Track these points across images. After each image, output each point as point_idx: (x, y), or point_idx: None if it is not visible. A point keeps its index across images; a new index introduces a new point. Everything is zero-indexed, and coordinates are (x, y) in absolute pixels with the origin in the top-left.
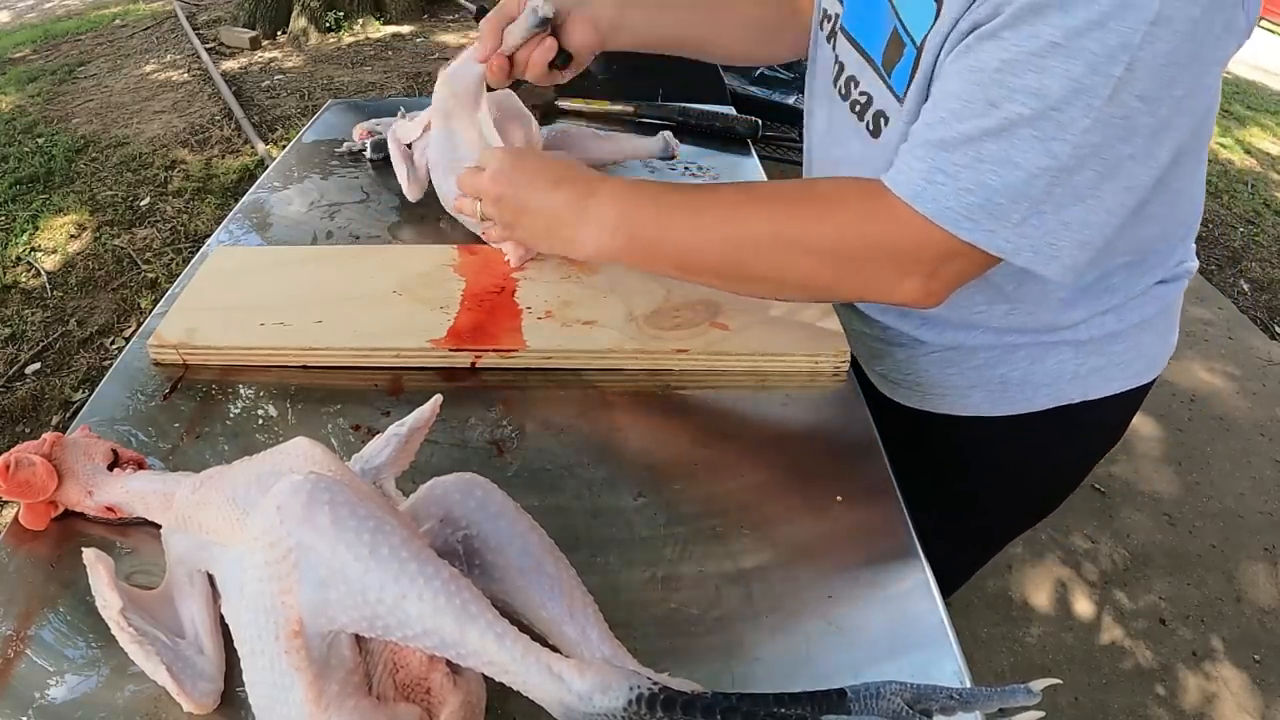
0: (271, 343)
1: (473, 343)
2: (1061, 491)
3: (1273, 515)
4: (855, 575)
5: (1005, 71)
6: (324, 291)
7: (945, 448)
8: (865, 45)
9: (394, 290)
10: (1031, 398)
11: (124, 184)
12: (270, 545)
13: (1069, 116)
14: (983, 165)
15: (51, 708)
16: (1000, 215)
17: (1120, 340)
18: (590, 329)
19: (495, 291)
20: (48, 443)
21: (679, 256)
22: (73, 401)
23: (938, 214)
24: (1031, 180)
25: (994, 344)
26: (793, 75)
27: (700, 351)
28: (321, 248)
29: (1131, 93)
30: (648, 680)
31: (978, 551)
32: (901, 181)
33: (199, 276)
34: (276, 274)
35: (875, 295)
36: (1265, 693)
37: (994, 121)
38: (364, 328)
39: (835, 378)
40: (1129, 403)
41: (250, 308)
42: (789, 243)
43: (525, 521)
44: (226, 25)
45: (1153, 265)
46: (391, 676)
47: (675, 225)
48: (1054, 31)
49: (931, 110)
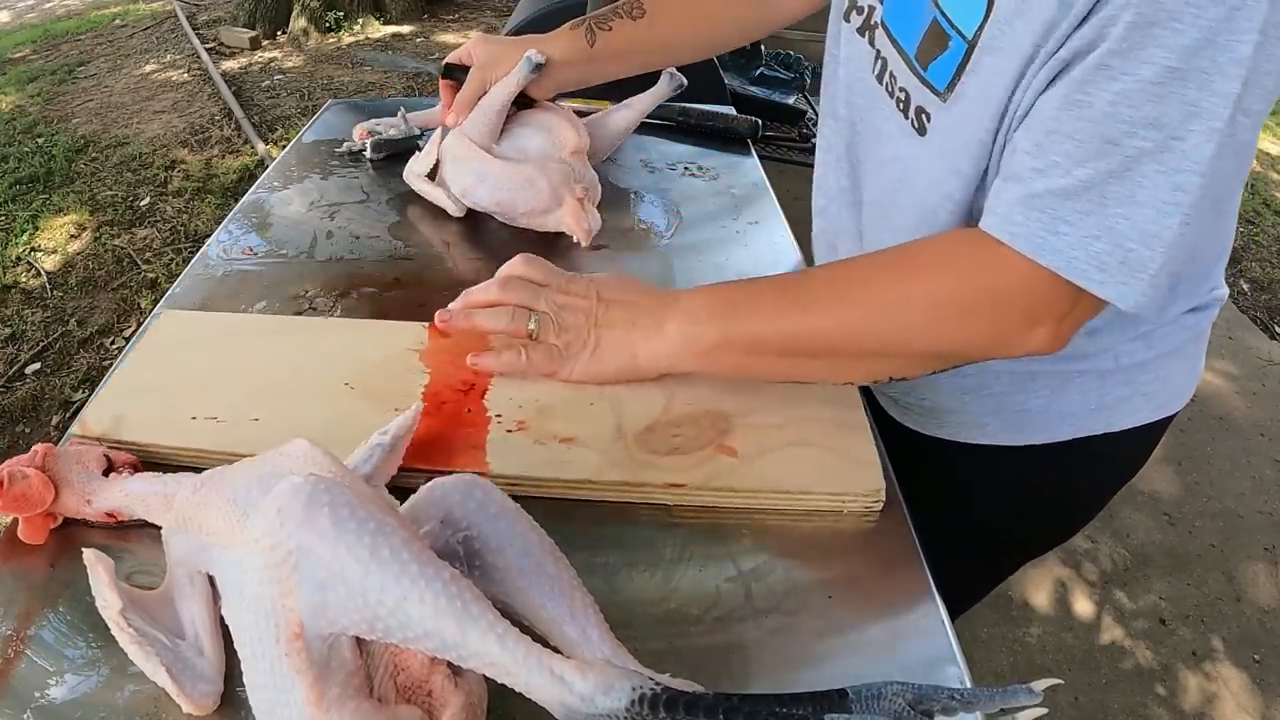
0: (199, 444)
1: (425, 460)
2: (1076, 522)
3: (1273, 515)
4: (855, 575)
5: (1119, 104)
6: (269, 377)
7: (956, 475)
8: (899, 38)
9: (346, 381)
10: (1052, 428)
11: (124, 184)
12: (270, 548)
13: (1192, 144)
14: (1107, 208)
15: (51, 708)
16: (1134, 264)
17: (1147, 370)
18: (568, 448)
19: (462, 390)
20: (39, 454)
21: (786, 345)
22: (73, 401)
23: (1063, 267)
24: (1160, 219)
25: (1014, 370)
26: (793, 75)
27: (699, 486)
28: (277, 319)
29: (1242, 109)
30: (650, 681)
31: (987, 576)
32: (1019, 235)
33: (138, 350)
34: (223, 349)
35: (1005, 349)
36: (1265, 693)
37: (1115, 162)
38: (304, 430)
39: (865, 519)
40: (1152, 434)
41: (185, 392)
42: (909, 303)
43: (525, 522)
44: (226, 25)
45: (1184, 292)
46: (393, 678)
47: (777, 312)
48: (1166, 54)
49: (1039, 154)
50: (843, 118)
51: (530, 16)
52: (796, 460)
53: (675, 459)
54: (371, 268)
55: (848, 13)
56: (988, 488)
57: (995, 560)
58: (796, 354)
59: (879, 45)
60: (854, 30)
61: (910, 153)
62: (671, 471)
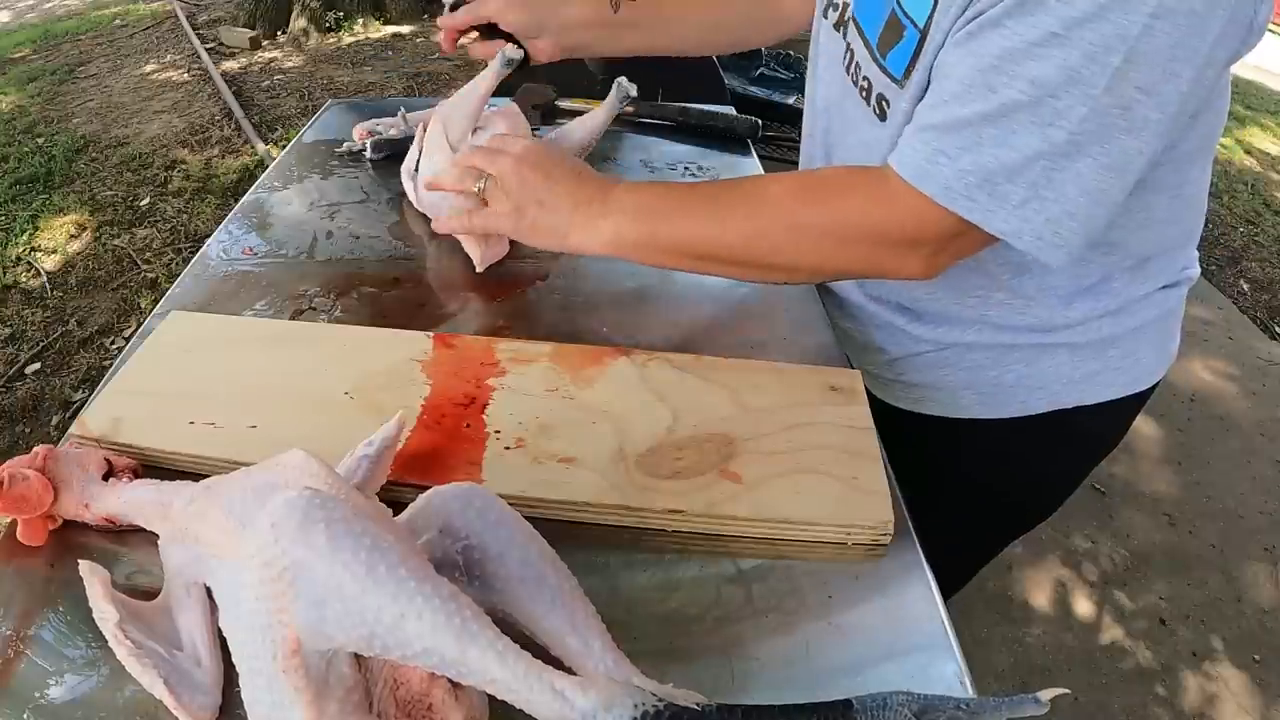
0: (195, 450)
1: (421, 475)
2: (1055, 498)
3: (1273, 515)
4: (855, 575)
5: (1005, 59)
6: (269, 384)
7: (936, 450)
8: (865, 29)
9: (346, 391)
10: (1026, 401)
11: (124, 184)
12: (265, 564)
13: (1065, 104)
14: (982, 148)
15: (51, 708)
16: (1000, 196)
17: (1117, 345)
18: (567, 468)
19: (463, 404)
20: (40, 456)
21: (698, 246)
22: (73, 402)
23: (939, 193)
24: (1028, 164)
25: (990, 343)
26: (792, 75)
27: (699, 514)
28: (282, 325)
29: (1131, 84)
30: (652, 696)
31: (973, 555)
32: (905, 163)
33: (142, 352)
34: (225, 354)
35: (882, 273)
36: (1265, 693)
37: (993, 106)
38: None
39: (872, 553)
40: (1125, 411)
41: (185, 397)
42: (803, 229)
43: (525, 531)
44: (226, 25)
45: (1155, 271)
46: (392, 694)
47: (695, 214)
48: (1053, 21)
49: (934, 94)
50: (819, 109)
51: None
52: (802, 489)
53: (676, 483)
54: (371, 268)
55: (826, 9)
56: (966, 461)
57: (979, 538)
58: (708, 259)
59: (849, 39)
60: (831, 26)
61: (874, 137)
62: (672, 496)
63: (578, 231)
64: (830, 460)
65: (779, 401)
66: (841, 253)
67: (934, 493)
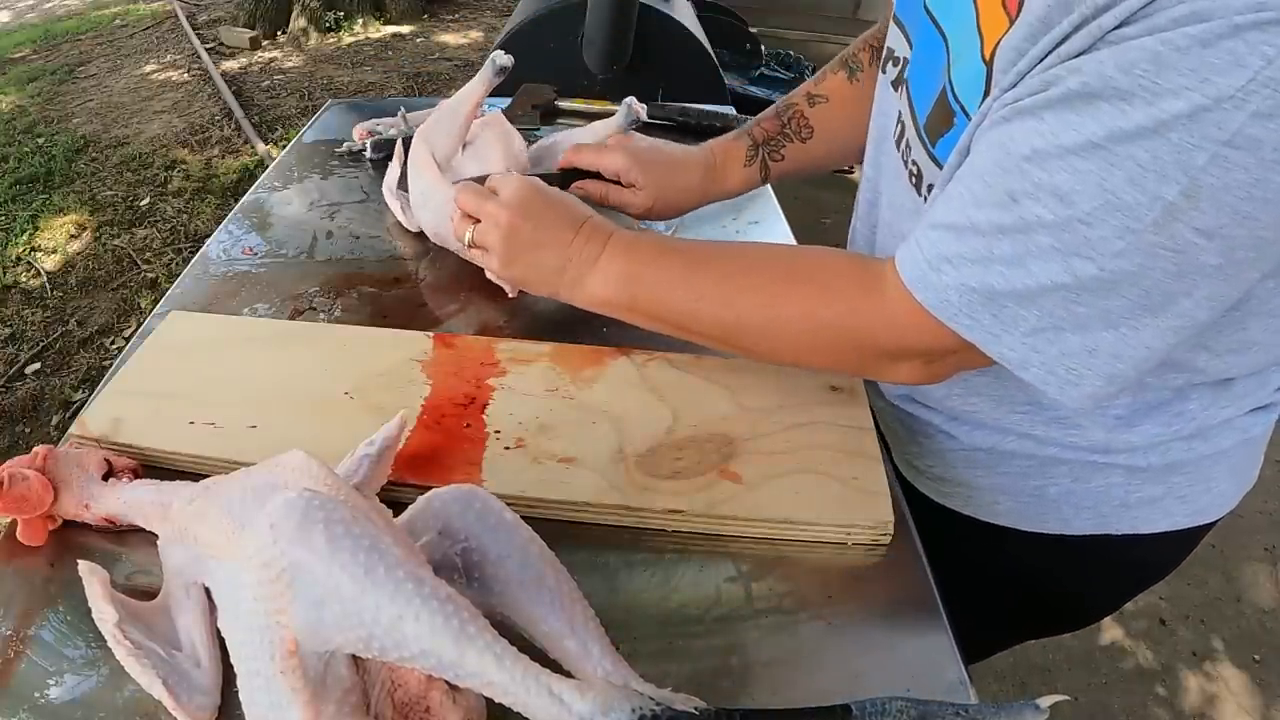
0: (195, 450)
1: (421, 475)
2: (1088, 619)
3: (1272, 515)
4: (855, 575)
5: (1033, 161)
6: (269, 384)
7: (966, 549)
8: (915, 99)
9: (346, 391)
10: (1068, 519)
11: (124, 184)
12: (264, 565)
13: (1099, 235)
14: (991, 264)
15: (51, 708)
16: (1006, 319)
17: (1184, 471)
18: (567, 468)
19: (463, 404)
20: (39, 456)
21: (678, 324)
22: (73, 402)
23: (936, 305)
24: (1044, 294)
25: (1032, 453)
26: (792, 75)
27: (699, 514)
28: (283, 325)
29: (1188, 223)
30: (650, 700)
31: (990, 643)
32: (906, 261)
33: (142, 352)
34: (225, 354)
35: (874, 377)
36: (1265, 693)
37: (1010, 219)
38: (301, 440)
39: (872, 553)
40: (1184, 542)
41: (185, 397)
42: (782, 323)
43: (525, 533)
44: (226, 25)
45: (1241, 393)
46: (390, 695)
47: (674, 295)
48: (1097, 129)
49: (953, 183)
50: (870, 177)
51: (530, 16)
52: (801, 489)
53: (676, 483)
54: (371, 268)
55: (885, 63)
56: (997, 568)
57: (998, 630)
58: (688, 332)
59: (900, 106)
60: (888, 82)
61: (914, 214)
62: (672, 496)
63: (565, 290)
64: (830, 460)
65: (779, 401)
66: (825, 355)
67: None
